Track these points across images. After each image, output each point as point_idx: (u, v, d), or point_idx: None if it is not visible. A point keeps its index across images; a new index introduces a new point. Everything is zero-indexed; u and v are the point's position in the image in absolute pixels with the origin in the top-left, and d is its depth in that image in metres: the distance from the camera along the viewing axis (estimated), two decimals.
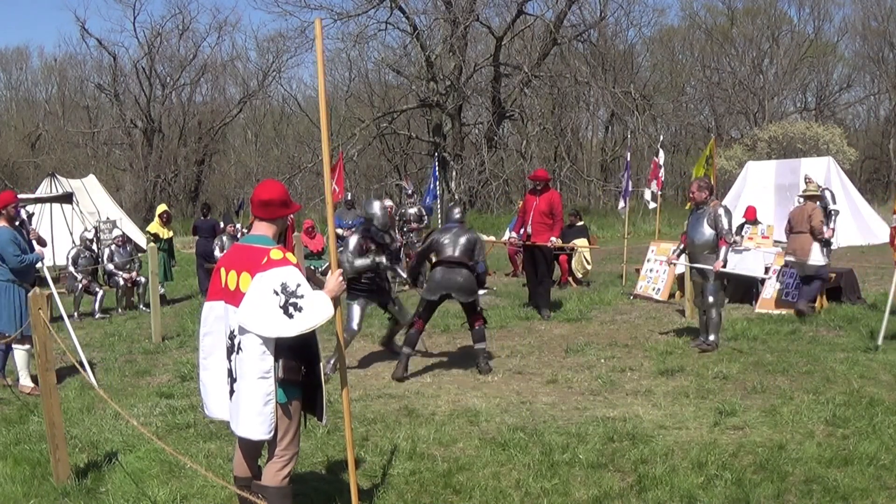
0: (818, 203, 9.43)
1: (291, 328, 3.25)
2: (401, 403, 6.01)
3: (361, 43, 31.64)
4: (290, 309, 3.24)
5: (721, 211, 7.51)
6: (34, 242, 7.58)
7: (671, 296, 10.59)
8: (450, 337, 8.74)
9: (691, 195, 7.84)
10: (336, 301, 3.45)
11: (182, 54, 38.60)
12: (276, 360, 3.34)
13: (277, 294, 3.25)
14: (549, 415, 5.63)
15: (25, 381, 6.88)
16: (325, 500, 4.18)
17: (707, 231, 7.54)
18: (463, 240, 7.16)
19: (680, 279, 10.41)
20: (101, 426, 5.67)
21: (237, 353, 3.36)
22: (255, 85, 39.00)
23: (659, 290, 10.69)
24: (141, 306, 11.69)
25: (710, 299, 7.52)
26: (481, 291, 12.06)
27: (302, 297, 3.27)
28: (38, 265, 7.39)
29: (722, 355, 7.25)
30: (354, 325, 7.22)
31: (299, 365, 3.43)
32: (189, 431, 5.48)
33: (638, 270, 11.52)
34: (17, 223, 7.10)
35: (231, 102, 40.17)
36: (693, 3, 39.76)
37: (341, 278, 3.52)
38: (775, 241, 11.91)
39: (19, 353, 6.88)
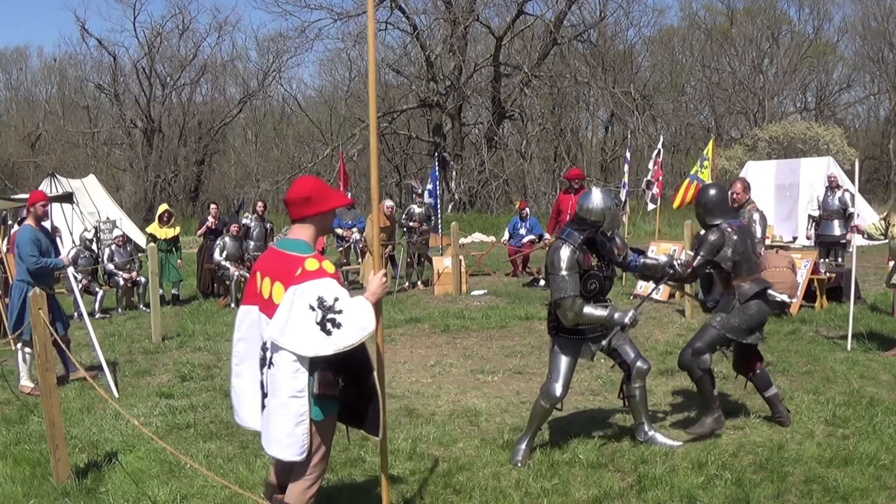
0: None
1: (329, 346, 3.02)
2: (401, 403, 6.00)
3: (361, 43, 31.66)
4: (328, 325, 3.00)
5: (756, 217, 6.82)
6: (60, 246, 7.44)
7: (671, 296, 10.58)
8: (450, 337, 8.74)
9: (736, 195, 7.05)
10: (378, 307, 3.23)
11: (182, 54, 38.59)
12: (310, 375, 3.10)
13: (314, 310, 3.00)
14: None
15: (25, 382, 6.89)
16: (326, 500, 4.17)
17: None
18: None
19: None
20: (101, 426, 5.68)
21: (269, 367, 3.16)
22: (255, 85, 39.00)
23: (659, 290, 10.67)
24: (141, 306, 11.69)
25: None
26: (479, 292, 12.17)
27: (340, 312, 3.01)
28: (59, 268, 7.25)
29: (721, 355, 7.22)
30: (558, 390, 4.68)
31: (336, 378, 3.17)
32: (189, 431, 5.49)
33: None
34: (44, 223, 7.05)
35: (231, 102, 40.13)
36: (693, 3, 39.84)
37: (384, 279, 3.30)
38: None
39: (22, 355, 6.88)
